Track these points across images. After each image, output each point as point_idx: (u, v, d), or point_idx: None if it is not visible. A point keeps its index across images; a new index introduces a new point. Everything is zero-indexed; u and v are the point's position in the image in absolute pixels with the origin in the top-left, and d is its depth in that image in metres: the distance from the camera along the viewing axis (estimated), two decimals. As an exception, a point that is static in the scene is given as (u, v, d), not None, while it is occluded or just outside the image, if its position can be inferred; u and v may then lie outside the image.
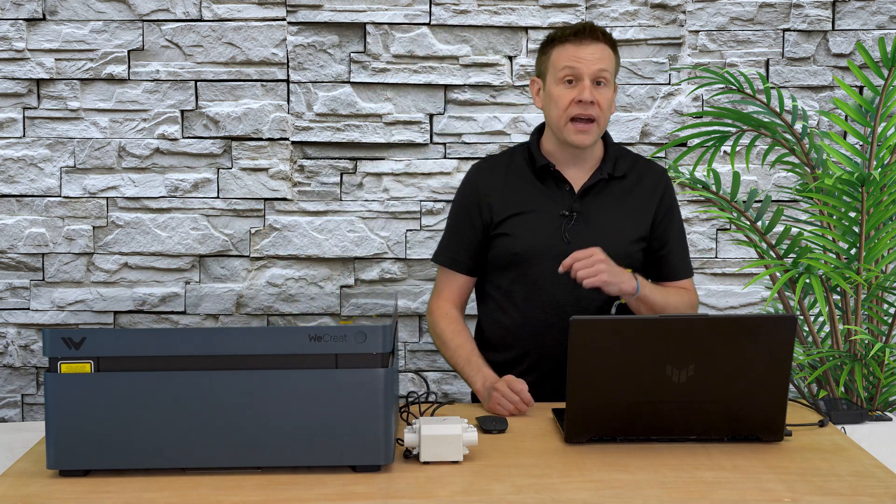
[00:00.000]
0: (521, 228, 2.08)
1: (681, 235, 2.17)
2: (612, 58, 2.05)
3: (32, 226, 2.94)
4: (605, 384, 1.62)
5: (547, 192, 2.09)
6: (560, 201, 2.08)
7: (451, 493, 1.44)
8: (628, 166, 2.13)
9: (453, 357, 2.08)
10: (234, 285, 2.98)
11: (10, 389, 2.99)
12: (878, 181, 2.24)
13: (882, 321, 2.44)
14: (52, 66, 2.89)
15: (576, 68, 2.01)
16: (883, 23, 2.94)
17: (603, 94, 2.02)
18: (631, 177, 2.13)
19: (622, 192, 2.11)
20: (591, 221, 2.07)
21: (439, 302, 2.15)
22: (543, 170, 2.10)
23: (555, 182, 2.10)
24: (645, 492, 1.45)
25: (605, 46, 2.03)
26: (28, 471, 1.54)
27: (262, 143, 2.94)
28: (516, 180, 2.12)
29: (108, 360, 1.49)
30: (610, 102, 2.05)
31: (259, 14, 2.91)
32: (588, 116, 2.01)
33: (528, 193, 2.10)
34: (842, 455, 1.61)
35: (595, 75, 2.01)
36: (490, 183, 2.12)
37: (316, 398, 1.50)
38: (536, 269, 2.05)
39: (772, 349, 1.60)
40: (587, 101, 2.00)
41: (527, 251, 2.06)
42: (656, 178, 2.15)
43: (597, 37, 2.03)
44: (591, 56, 2.01)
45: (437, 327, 2.12)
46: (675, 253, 2.14)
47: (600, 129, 2.05)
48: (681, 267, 2.15)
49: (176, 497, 1.43)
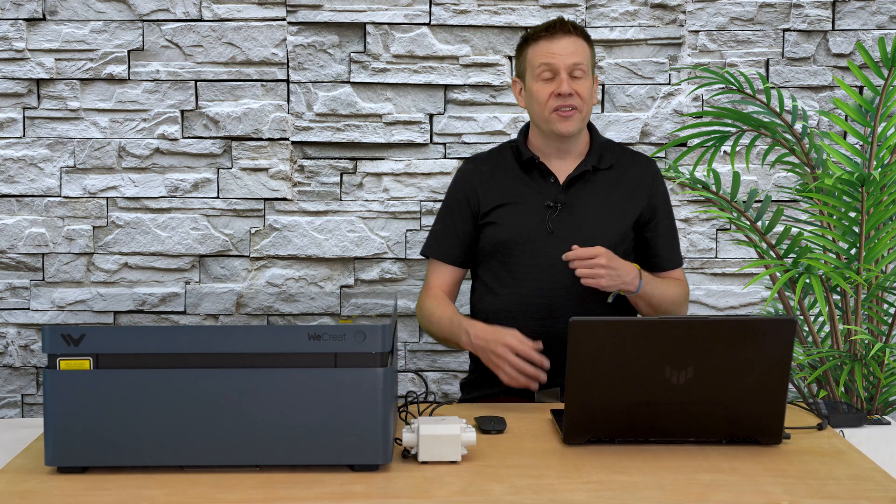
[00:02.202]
0: (507, 218, 2.13)
1: (671, 226, 2.20)
2: (586, 50, 2.10)
3: (32, 226, 2.94)
4: (604, 385, 1.62)
5: (532, 184, 2.15)
6: (545, 193, 2.13)
7: (449, 494, 1.44)
8: (614, 158, 2.18)
9: (439, 326, 2.09)
10: (234, 285, 2.98)
11: (9, 389, 2.99)
12: (878, 181, 2.24)
13: (882, 321, 2.43)
14: (52, 66, 2.89)
15: (551, 63, 2.06)
16: (883, 23, 2.94)
17: (581, 85, 2.07)
18: (617, 168, 2.17)
19: (608, 184, 2.15)
20: (575, 212, 2.11)
21: (427, 293, 2.18)
22: (529, 162, 2.16)
23: (540, 174, 2.15)
24: (643, 493, 1.44)
25: (577, 39, 2.09)
26: (26, 467, 1.55)
27: (262, 143, 2.94)
28: (503, 173, 2.18)
29: (107, 357, 1.49)
30: (590, 92, 2.11)
31: (259, 14, 2.91)
32: (570, 106, 2.05)
33: (514, 185, 2.16)
34: (840, 458, 1.61)
35: (570, 68, 2.06)
36: (478, 176, 2.18)
37: (314, 397, 1.50)
38: (520, 258, 2.10)
39: (771, 351, 1.60)
40: (566, 93, 2.05)
41: (512, 240, 2.11)
42: (643, 169, 2.19)
43: (568, 30, 2.08)
44: (565, 50, 2.07)
45: (424, 309, 2.15)
46: (666, 244, 2.18)
47: (583, 118, 2.10)
48: (671, 257, 2.19)
49: (174, 495, 1.43)
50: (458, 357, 3.01)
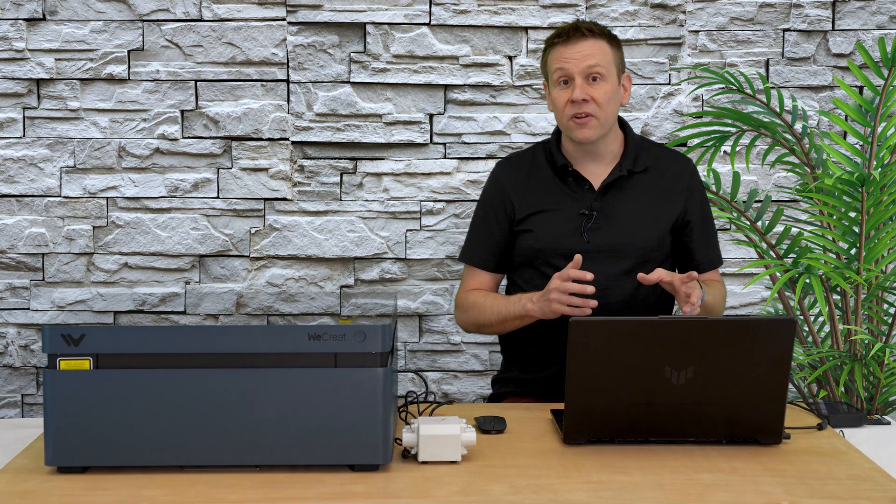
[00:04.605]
0: (542, 226, 2.10)
1: (709, 226, 2.17)
2: (605, 50, 2.05)
3: (32, 226, 2.94)
4: (604, 385, 1.62)
5: (567, 192, 2.11)
6: (580, 200, 2.10)
7: (449, 494, 1.44)
8: (651, 160, 2.13)
9: (493, 310, 2.08)
10: (234, 285, 2.98)
11: (9, 389, 2.99)
12: (878, 181, 2.24)
13: (882, 321, 2.43)
14: (52, 66, 2.89)
15: (565, 69, 2.03)
16: (883, 23, 2.94)
17: (598, 89, 2.03)
18: (653, 170, 2.13)
19: (645, 187, 2.11)
20: (612, 219, 2.08)
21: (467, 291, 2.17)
22: (563, 169, 2.12)
23: (575, 181, 2.11)
24: (643, 493, 1.44)
25: (595, 41, 2.04)
26: (26, 467, 1.55)
27: (262, 143, 2.94)
28: (538, 178, 2.14)
29: (107, 357, 1.49)
30: (609, 96, 2.04)
31: (259, 14, 2.91)
32: (584, 113, 2.01)
33: (548, 192, 2.12)
34: (840, 458, 1.61)
35: (585, 72, 2.02)
36: (513, 180, 2.15)
37: (314, 397, 1.50)
38: (556, 267, 2.05)
39: (771, 352, 1.60)
40: (578, 99, 2.01)
41: (547, 249, 2.08)
42: (681, 169, 2.14)
43: (583, 34, 2.03)
44: (579, 54, 2.02)
45: (469, 303, 2.13)
46: (705, 245, 2.15)
47: (601, 124, 2.05)
48: (711, 259, 2.16)
49: (174, 495, 1.43)
50: (458, 357, 3.02)
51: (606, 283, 2.03)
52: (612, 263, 2.05)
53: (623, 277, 2.05)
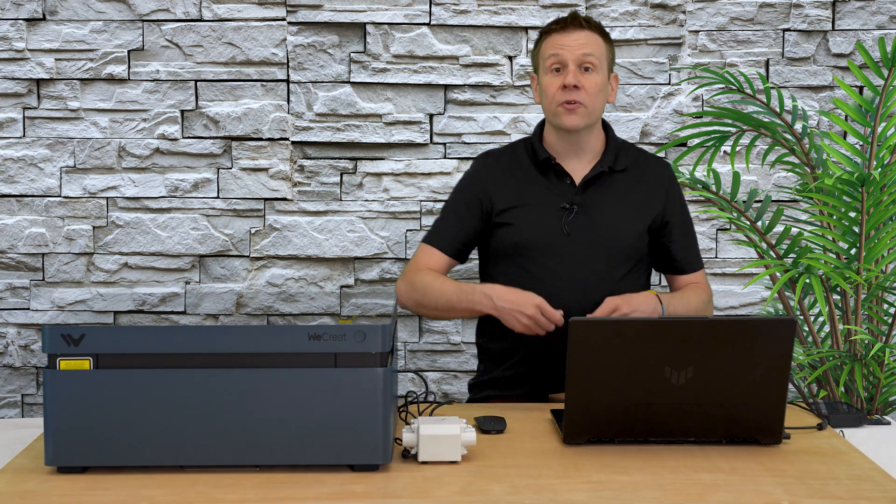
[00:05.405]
0: (522, 219, 2.10)
1: (689, 229, 2.19)
2: (599, 43, 2.08)
3: (32, 226, 2.94)
4: (604, 385, 1.62)
5: (548, 185, 2.12)
6: (561, 194, 2.11)
7: (448, 494, 1.44)
8: (630, 160, 2.16)
9: (441, 295, 2.05)
10: (234, 285, 2.98)
11: (9, 389, 2.99)
12: (878, 181, 2.24)
13: (882, 321, 2.43)
14: (52, 66, 2.89)
15: (560, 55, 2.05)
16: (883, 23, 2.94)
17: (590, 79, 2.05)
18: (633, 171, 2.15)
19: (625, 186, 2.13)
20: (592, 214, 2.09)
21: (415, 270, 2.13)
22: (545, 163, 2.13)
23: (556, 175, 2.13)
24: (643, 493, 1.44)
25: (590, 33, 2.07)
26: (26, 467, 1.55)
27: (262, 143, 2.94)
28: (519, 172, 2.15)
29: (107, 357, 1.49)
30: (599, 87, 2.07)
31: (259, 14, 2.91)
32: (573, 100, 2.02)
33: (529, 185, 2.13)
34: (840, 458, 1.61)
35: (579, 60, 2.04)
36: (494, 174, 2.16)
37: (314, 397, 1.50)
38: (536, 261, 2.07)
39: (771, 352, 1.60)
40: (570, 84, 2.03)
41: (527, 242, 2.09)
42: (660, 172, 2.18)
43: (580, 24, 2.07)
44: (575, 42, 2.05)
45: (415, 283, 2.09)
46: (684, 247, 2.17)
47: (590, 113, 2.07)
48: (691, 261, 2.18)
49: (173, 495, 1.43)
50: (458, 357, 3.01)
51: (585, 276, 2.05)
52: (592, 257, 2.07)
53: (602, 272, 2.07)
